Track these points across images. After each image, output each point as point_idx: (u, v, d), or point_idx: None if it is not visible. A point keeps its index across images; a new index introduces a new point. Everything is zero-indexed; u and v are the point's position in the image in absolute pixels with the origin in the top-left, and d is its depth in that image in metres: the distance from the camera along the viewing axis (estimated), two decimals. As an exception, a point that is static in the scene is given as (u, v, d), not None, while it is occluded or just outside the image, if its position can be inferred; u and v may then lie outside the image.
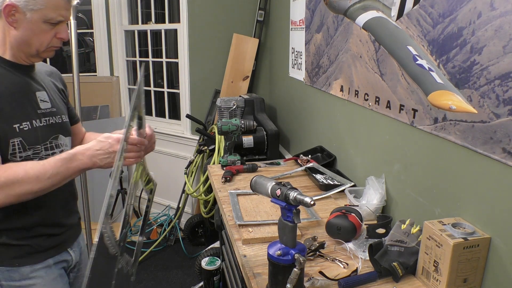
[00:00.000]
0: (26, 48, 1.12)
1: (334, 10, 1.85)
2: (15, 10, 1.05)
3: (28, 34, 1.09)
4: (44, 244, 1.20)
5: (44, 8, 1.07)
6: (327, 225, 1.37)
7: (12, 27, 1.07)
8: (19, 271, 1.15)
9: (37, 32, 1.10)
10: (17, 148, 1.10)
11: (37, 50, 1.13)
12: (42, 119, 1.19)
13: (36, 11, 1.07)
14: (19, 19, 1.06)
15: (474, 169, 1.10)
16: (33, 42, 1.11)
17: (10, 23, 1.07)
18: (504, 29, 0.96)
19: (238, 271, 1.55)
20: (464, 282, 1.06)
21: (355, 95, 1.73)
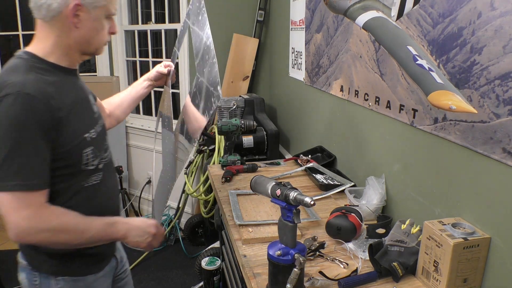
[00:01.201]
0: (85, 48, 1.10)
1: (334, 10, 1.85)
2: (80, 9, 1.02)
3: (91, 32, 1.07)
4: (105, 253, 1.22)
5: (106, 3, 1.07)
6: (327, 225, 1.37)
7: (75, 27, 1.04)
8: (84, 280, 1.15)
9: (99, 29, 1.09)
10: (90, 157, 1.10)
11: (96, 48, 1.12)
12: (98, 122, 1.19)
13: (100, 8, 1.06)
14: (83, 19, 1.04)
15: (474, 169, 1.10)
16: (94, 40, 1.09)
17: (74, 23, 1.03)
18: (504, 29, 0.96)
19: (238, 271, 1.55)
20: (464, 282, 1.06)
21: (355, 95, 1.73)
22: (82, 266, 1.15)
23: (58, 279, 1.11)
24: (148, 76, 1.58)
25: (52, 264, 1.11)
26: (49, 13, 1.01)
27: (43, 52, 1.05)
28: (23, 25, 3.47)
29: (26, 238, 0.99)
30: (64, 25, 1.03)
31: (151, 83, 1.58)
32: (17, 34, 3.48)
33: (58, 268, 1.11)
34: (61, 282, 1.11)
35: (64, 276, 1.11)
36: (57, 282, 1.11)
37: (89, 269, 1.16)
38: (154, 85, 1.60)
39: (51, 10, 1.00)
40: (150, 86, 1.58)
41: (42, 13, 1.02)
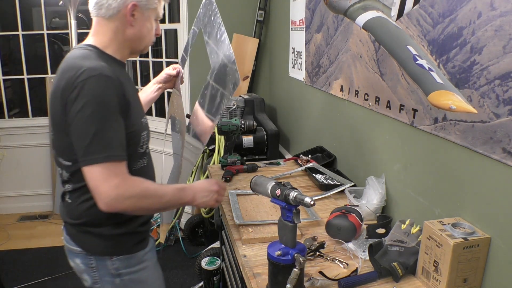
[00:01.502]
0: (137, 45, 1.21)
1: (334, 10, 1.85)
2: (136, 9, 1.14)
3: (143, 31, 1.19)
4: (147, 231, 1.30)
5: (157, 6, 1.19)
6: (327, 225, 1.37)
7: (130, 25, 1.15)
8: (136, 256, 1.22)
9: (149, 29, 1.20)
10: (145, 140, 1.21)
11: (144, 46, 1.23)
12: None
13: (152, 10, 1.18)
14: (138, 18, 1.15)
15: (474, 169, 1.10)
16: (145, 39, 1.21)
17: (130, 22, 1.14)
18: (504, 29, 0.96)
19: (238, 271, 1.55)
20: (464, 282, 1.06)
21: (355, 95, 1.73)
22: (133, 244, 1.22)
23: (113, 260, 1.18)
24: (157, 79, 1.63)
25: (106, 246, 1.17)
26: (108, 12, 1.13)
27: (102, 45, 1.16)
28: (23, 25, 3.47)
29: (115, 205, 1.04)
30: (120, 23, 1.15)
31: (160, 86, 1.63)
32: (17, 34, 3.48)
33: (112, 249, 1.18)
34: (117, 261, 1.18)
35: (119, 256, 1.18)
36: (113, 262, 1.18)
37: (139, 246, 1.23)
38: (164, 88, 1.65)
39: (111, 9, 1.12)
40: (160, 89, 1.64)
41: (102, 12, 1.13)
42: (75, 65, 1.05)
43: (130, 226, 1.19)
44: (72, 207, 1.17)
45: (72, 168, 1.11)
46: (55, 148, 1.17)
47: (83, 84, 1.01)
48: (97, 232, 1.16)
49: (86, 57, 1.08)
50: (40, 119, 3.64)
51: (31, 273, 2.76)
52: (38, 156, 3.64)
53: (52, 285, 2.64)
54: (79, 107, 1.00)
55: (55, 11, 3.81)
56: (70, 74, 1.03)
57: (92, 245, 1.18)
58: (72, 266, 1.26)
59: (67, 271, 2.76)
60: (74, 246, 1.20)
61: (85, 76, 1.01)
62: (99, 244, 1.17)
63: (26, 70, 3.56)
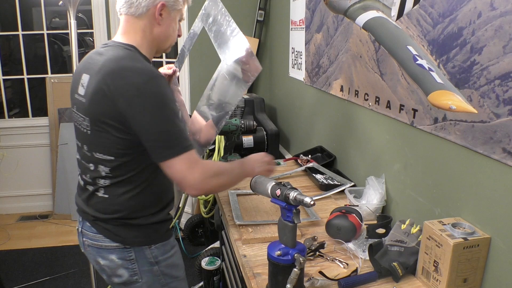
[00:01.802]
0: (163, 44, 1.25)
1: (334, 10, 1.85)
2: (164, 9, 1.18)
3: (168, 31, 1.23)
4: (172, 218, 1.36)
5: (181, 8, 1.24)
6: (327, 225, 1.37)
7: (158, 24, 1.20)
8: (169, 243, 1.28)
9: (174, 29, 1.26)
10: None
11: (169, 45, 1.28)
12: None
13: (177, 11, 1.23)
14: (165, 17, 1.20)
15: (474, 169, 1.10)
16: (169, 39, 1.26)
17: (158, 20, 1.19)
18: (504, 29, 0.96)
19: (238, 271, 1.55)
20: (464, 282, 1.06)
21: (355, 95, 1.73)
22: (166, 231, 1.27)
23: (151, 248, 1.22)
24: None
25: (145, 235, 1.21)
26: (138, 10, 1.16)
27: (137, 45, 1.19)
28: (23, 25, 3.47)
29: (204, 188, 1.13)
30: (149, 22, 1.19)
31: None
32: (17, 34, 3.48)
33: (150, 238, 1.22)
34: (154, 250, 1.22)
35: (156, 244, 1.23)
36: (151, 251, 1.22)
37: (170, 232, 1.29)
38: None
39: (141, 7, 1.16)
40: None
41: (132, 10, 1.17)
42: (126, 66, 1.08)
43: (162, 213, 1.25)
44: (109, 201, 1.18)
45: (114, 162, 1.14)
46: (90, 145, 1.17)
47: (145, 85, 1.05)
48: (135, 223, 1.19)
49: (134, 58, 1.12)
50: (40, 119, 3.64)
51: (31, 273, 2.76)
52: (38, 156, 3.64)
53: (52, 285, 2.64)
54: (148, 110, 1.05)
55: (55, 11, 3.81)
56: (122, 74, 1.06)
57: (131, 237, 1.20)
58: (103, 265, 1.23)
59: (67, 271, 2.77)
60: (110, 242, 1.19)
61: (146, 78, 1.06)
62: (138, 234, 1.20)
63: (26, 70, 3.56)
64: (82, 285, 2.63)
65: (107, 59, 1.11)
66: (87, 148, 1.18)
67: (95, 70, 1.11)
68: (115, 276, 1.23)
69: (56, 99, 3.53)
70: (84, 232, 1.25)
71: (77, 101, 1.18)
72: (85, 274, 2.67)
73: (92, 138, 1.16)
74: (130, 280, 1.22)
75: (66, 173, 3.49)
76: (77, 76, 1.20)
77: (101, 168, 1.16)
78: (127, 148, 1.13)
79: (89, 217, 1.21)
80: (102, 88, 1.08)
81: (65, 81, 3.51)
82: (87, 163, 1.19)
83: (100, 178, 1.17)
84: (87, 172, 1.20)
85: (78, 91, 1.17)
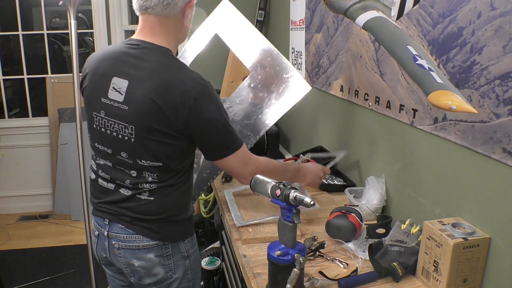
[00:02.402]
0: (182, 41, 1.27)
1: (334, 10, 1.85)
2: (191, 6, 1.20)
3: (189, 27, 1.24)
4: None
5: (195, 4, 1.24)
6: (327, 225, 1.37)
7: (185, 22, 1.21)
8: (193, 237, 1.33)
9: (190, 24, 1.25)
10: None
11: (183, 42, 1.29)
12: None
13: (194, 6, 1.24)
14: (189, 15, 1.21)
15: (474, 169, 1.10)
16: (188, 34, 1.28)
17: (188, 18, 1.20)
18: (504, 29, 0.96)
19: (238, 271, 1.55)
20: (464, 282, 1.06)
21: (355, 95, 1.73)
22: (193, 226, 1.34)
23: (184, 242, 1.27)
24: None
25: (181, 230, 1.27)
26: (173, 10, 1.14)
27: (169, 46, 1.19)
28: (23, 25, 3.47)
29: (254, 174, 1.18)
30: (179, 21, 1.19)
31: None
32: (17, 34, 3.48)
33: (185, 232, 1.28)
34: (187, 244, 1.28)
35: (188, 238, 1.28)
36: (185, 245, 1.27)
37: (193, 228, 1.35)
38: None
39: (177, 7, 1.14)
40: None
41: (167, 10, 1.13)
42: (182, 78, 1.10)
43: (191, 209, 1.30)
44: (155, 203, 1.19)
45: (162, 168, 1.16)
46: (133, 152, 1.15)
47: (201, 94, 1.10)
48: (175, 219, 1.23)
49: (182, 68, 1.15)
50: (40, 119, 3.64)
51: (31, 273, 2.76)
52: (38, 156, 3.64)
53: (52, 285, 2.64)
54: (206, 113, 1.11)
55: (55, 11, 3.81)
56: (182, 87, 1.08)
57: (170, 232, 1.23)
58: (137, 266, 1.21)
59: (67, 271, 2.77)
60: (149, 240, 1.20)
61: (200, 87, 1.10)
62: (175, 229, 1.24)
63: (26, 70, 3.55)
64: (82, 285, 2.63)
65: (154, 68, 1.10)
66: (127, 156, 1.16)
67: (137, 76, 1.10)
68: (149, 276, 1.23)
69: (56, 99, 3.53)
70: (113, 235, 1.21)
71: (109, 106, 1.14)
72: (85, 274, 2.67)
73: (137, 145, 1.13)
74: (165, 277, 1.24)
75: (66, 173, 3.49)
76: (104, 79, 1.15)
77: (147, 174, 1.16)
78: (177, 153, 1.16)
79: (126, 218, 1.19)
80: (154, 99, 1.07)
81: (65, 81, 3.50)
82: (127, 170, 1.17)
83: (145, 183, 1.17)
84: (125, 178, 1.18)
85: (109, 95, 1.13)
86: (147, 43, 1.15)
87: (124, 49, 1.15)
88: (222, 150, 1.18)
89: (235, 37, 1.59)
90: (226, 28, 1.63)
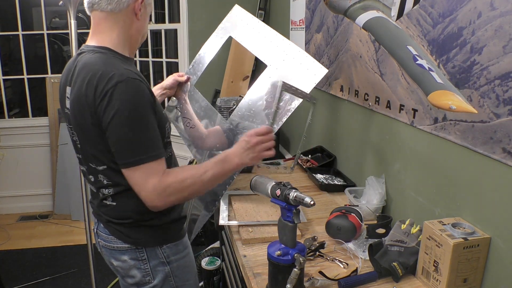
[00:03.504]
0: (138, 41, 1.22)
1: (334, 10, 1.85)
2: (143, 4, 1.15)
3: (144, 25, 1.21)
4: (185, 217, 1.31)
5: (151, 3, 1.23)
6: (327, 225, 1.37)
7: (137, 19, 1.16)
8: (182, 242, 1.26)
9: (147, 23, 1.22)
10: (169, 131, 1.21)
11: (142, 40, 1.24)
12: None
13: (150, 5, 1.21)
14: (142, 12, 1.17)
15: (474, 169, 1.10)
16: (144, 33, 1.23)
17: (138, 16, 1.15)
18: (504, 29, 0.96)
19: (238, 271, 1.55)
20: (464, 282, 1.06)
21: (355, 95, 1.73)
22: (178, 231, 1.25)
23: (163, 248, 1.21)
24: (162, 84, 1.61)
25: (156, 236, 1.20)
26: (119, 5, 1.11)
27: (112, 45, 1.14)
28: (23, 25, 3.47)
29: (162, 205, 1.08)
30: (128, 17, 1.14)
31: (164, 92, 1.61)
32: (17, 34, 3.48)
33: (162, 238, 1.21)
34: (166, 249, 1.21)
35: (168, 244, 1.21)
36: (164, 250, 1.21)
37: (183, 232, 1.27)
38: (167, 94, 1.64)
39: (122, 2, 1.11)
40: (163, 95, 1.62)
41: (112, 6, 1.11)
42: (98, 72, 1.04)
43: (175, 213, 1.23)
44: (118, 208, 1.16)
45: (109, 171, 1.12)
46: (84, 155, 1.16)
47: (113, 90, 1.01)
48: (148, 224, 1.17)
49: (107, 62, 1.08)
50: (40, 119, 3.64)
51: (31, 273, 2.76)
52: (38, 156, 3.65)
53: (52, 285, 2.64)
54: (112, 113, 1.01)
55: (55, 11, 3.82)
56: (95, 82, 1.03)
57: (143, 237, 1.18)
58: (116, 266, 1.23)
59: (67, 271, 2.77)
60: (122, 243, 1.18)
61: (113, 83, 1.01)
62: (150, 235, 1.19)
63: (26, 70, 3.56)
64: (82, 285, 2.63)
65: (80, 68, 1.09)
66: (83, 160, 1.18)
67: (74, 80, 1.10)
68: (128, 277, 1.23)
69: (56, 99, 3.53)
70: (99, 233, 1.25)
71: (67, 115, 1.17)
72: (85, 274, 2.67)
73: (83, 149, 1.15)
74: (143, 280, 1.21)
75: (66, 173, 3.50)
76: (62, 91, 1.18)
77: (101, 177, 1.14)
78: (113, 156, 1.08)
79: (103, 219, 1.21)
80: (79, 98, 1.06)
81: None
82: (88, 175, 1.19)
83: (103, 188, 1.16)
84: (91, 183, 1.20)
85: (67, 104, 1.16)
86: (88, 46, 1.15)
87: (74, 57, 1.17)
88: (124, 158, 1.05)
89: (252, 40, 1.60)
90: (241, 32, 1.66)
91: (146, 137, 1.05)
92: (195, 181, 1.11)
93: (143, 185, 1.04)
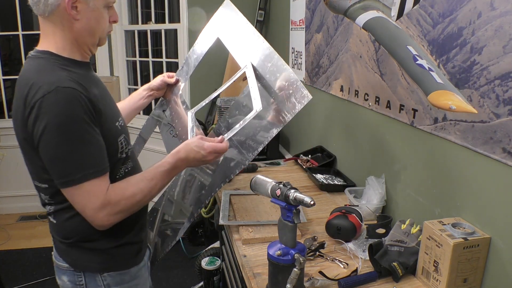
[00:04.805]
0: (90, 39, 1.08)
1: (334, 10, 1.85)
2: (77, 1, 1.00)
3: (92, 23, 1.05)
4: (144, 241, 1.22)
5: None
6: (327, 225, 1.37)
7: (75, 19, 1.02)
8: (129, 273, 1.14)
9: (99, 19, 1.06)
10: (124, 145, 1.11)
11: (99, 38, 1.10)
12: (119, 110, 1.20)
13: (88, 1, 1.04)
14: (82, 10, 1.02)
15: (474, 169, 1.10)
16: (96, 31, 1.07)
17: (73, 16, 1.01)
18: (504, 29, 0.96)
19: (238, 271, 1.55)
20: (464, 282, 1.06)
21: (355, 95, 1.73)
22: (126, 259, 1.14)
23: (104, 276, 1.10)
24: (150, 85, 1.55)
25: (98, 261, 1.10)
26: (47, 8, 1.00)
27: (56, 49, 1.04)
28: (23, 25, 3.47)
29: (107, 224, 1.00)
30: (64, 19, 1.02)
31: (151, 93, 1.55)
32: (17, 34, 3.48)
33: (104, 265, 1.10)
34: (107, 278, 1.10)
35: (110, 272, 1.11)
36: (104, 278, 1.10)
37: (132, 261, 1.16)
38: (155, 95, 1.58)
39: (48, 5, 0.99)
40: (150, 96, 1.56)
41: (41, 9, 1.00)
42: (29, 82, 0.95)
43: (125, 237, 1.12)
44: (57, 227, 1.09)
45: (49, 190, 1.04)
46: (29, 171, 1.08)
47: (40, 102, 0.91)
48: (90, 246, 1.08)
49: (41, 70, 0.99)
50: (40, 119, 3.63)
51: (31, 273, 2.76)
52: (38, 156, 3.64)
53: (52, 285, 2.63)
54: (41, 129, 0.92)
55: (55, 11, 3.81)
56: (25, 93, 0.94)
57: (82, 261, 1.09)
58: (60, 284, 1.15)
59: (67, 271, 2.77)
60: (62, 262, 1.11)
61: (41, 94, 0.92)
62: (90, 259, 1.09)
63: (26, 70, 3.55)
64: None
65: (19, 77, 1.02)
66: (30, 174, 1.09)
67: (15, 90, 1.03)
68: None
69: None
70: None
71: None
72: (85, 274, 2.67)
73: (27, 165, 1.07)
74: None
75: (66, 173, 3.49)
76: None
77: (42, 196, 1.08)
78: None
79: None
80: (16, 111, 1.00)
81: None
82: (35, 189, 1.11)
83: (45, 205, 1.10)
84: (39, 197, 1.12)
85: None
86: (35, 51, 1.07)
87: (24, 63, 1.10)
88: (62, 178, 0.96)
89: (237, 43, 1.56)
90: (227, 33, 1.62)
91: (82, 153, 0.95)
92: (145, 195, 1.05)
93: (86, 205, 0.97)
